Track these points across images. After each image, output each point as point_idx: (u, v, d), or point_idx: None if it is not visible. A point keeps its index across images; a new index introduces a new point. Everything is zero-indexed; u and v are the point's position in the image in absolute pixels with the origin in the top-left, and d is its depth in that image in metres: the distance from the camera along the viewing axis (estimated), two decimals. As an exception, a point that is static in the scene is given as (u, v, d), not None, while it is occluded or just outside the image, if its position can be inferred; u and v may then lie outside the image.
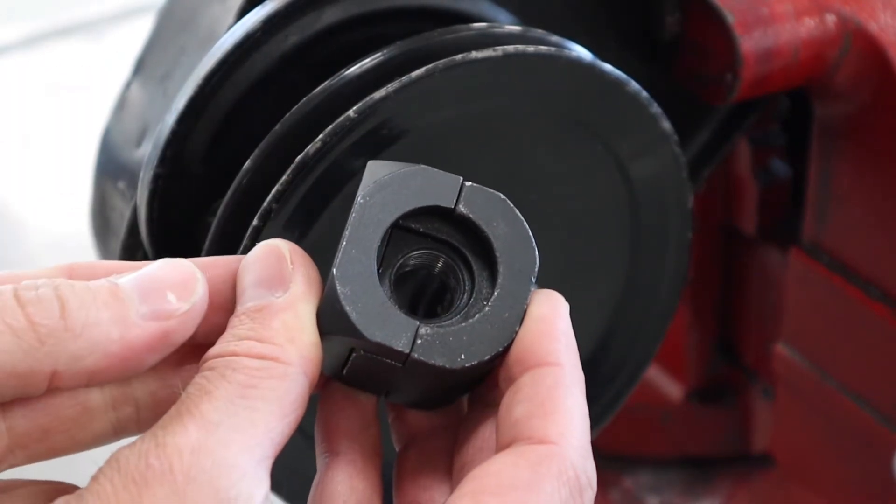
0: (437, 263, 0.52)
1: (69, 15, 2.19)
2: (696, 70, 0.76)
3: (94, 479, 0.44)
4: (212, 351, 0.47)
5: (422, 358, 0.48)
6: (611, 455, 1.04)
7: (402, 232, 0.51)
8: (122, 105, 0.77)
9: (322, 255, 0.61)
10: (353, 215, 0.50)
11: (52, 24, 2.17)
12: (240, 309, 0.49)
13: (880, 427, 0.83)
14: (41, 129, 1.93)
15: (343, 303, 0.48)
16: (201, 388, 0.46)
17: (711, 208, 0.90)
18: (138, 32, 0.84)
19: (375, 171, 0.51)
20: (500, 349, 0.49)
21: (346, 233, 0.49)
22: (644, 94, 0.66)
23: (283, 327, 0.48)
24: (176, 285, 0.48)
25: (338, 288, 0.48)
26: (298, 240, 0.60)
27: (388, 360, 0.49)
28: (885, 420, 0.82)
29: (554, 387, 0.48)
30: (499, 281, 0.50)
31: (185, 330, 0.48)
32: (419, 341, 0.48)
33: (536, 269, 0.51)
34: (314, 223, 0.60)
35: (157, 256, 0.66)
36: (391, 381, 0.51)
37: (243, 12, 0.68)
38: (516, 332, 0.50)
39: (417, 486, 0.52)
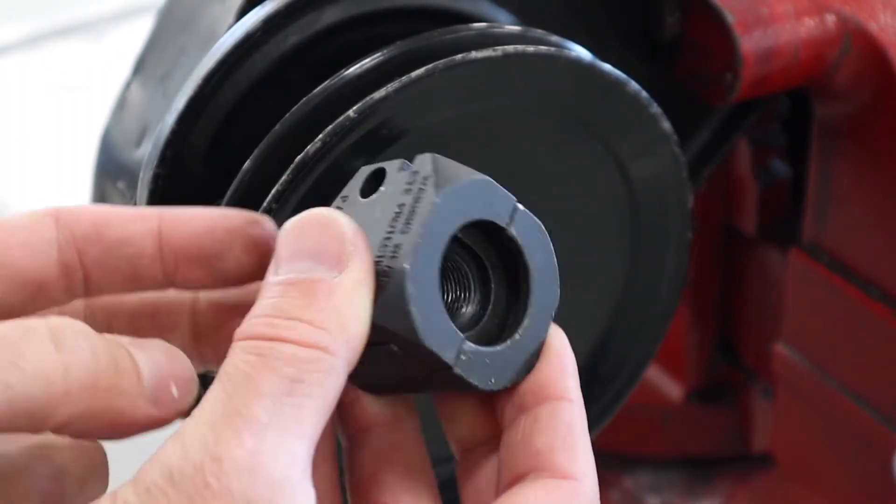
0: (470, 276, 0.52)
1: (69, 15, 2.18)
2: (696, 70, 0.76)
3: (146, 489, 0.42)
4: (254, 328, 0.45)
5: (461, 373, 0.49)
6: (611, 455, 1.04)
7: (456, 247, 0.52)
8: (122, 105, 0.77)
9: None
10: (429, 215, 0.48)
11: (52, 24, 2.17)
12: (283, 277, 0.46)
13: (880, 427, 0.83)
14: (41, 129, 1.93)
15: (410, 304, 0.47)
16: (248, 379, 0.43)
17: (711, 208, 0.90)
18: (138, 32, 0.84)
19: (445, 167, 0.50)
20: (522, 378, 0.50)
21: (420, 230, 0.47)
22: (644, 94, 0.66)
23: (336, 313, 0.45)
24: (179, 379, 0.47)
25: (408, 288, 0.47)
26: (298, 240, 0.60)
27: (420, 362, 0.49)
28: (885, 420, 0.82)
29: (573, 424, 0.49)
30: (529, 311, 0.51)
31: (170, 421, 0.47)
32: (462, 357, 0.49)
33: (556, 305, 0.52)
34: (314, 223, 0.60)
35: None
36: (388, 373, 0.51)
37: (243, 12, 0.68)
38: (535, 363, 0.51)
39: (378, 484, 0.51)
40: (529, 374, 0.50)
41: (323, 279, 0.46)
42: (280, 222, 0.59)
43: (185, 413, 0.47)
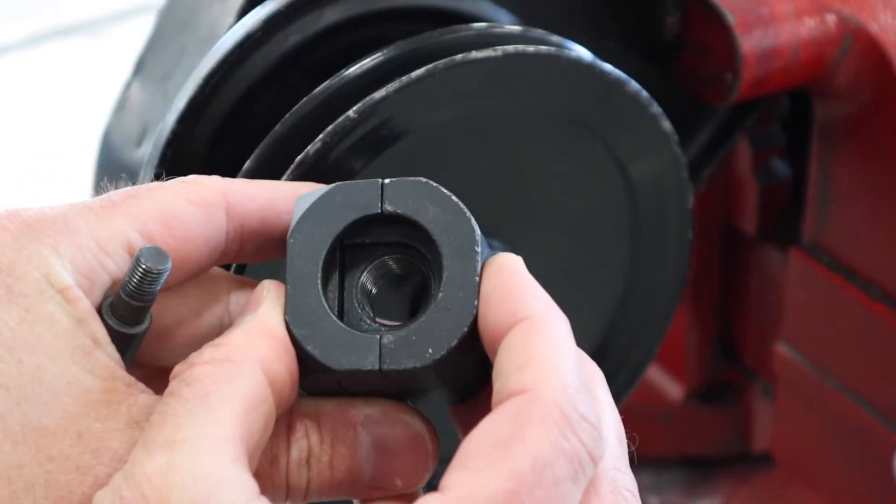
0: (393, 266, 0.52)
1: (69, 15, 2.19)
2: (696, 70, 0.76)
3: None
4: (175, 368, 0.47)
5: (393, 367, 0.48)
6: (611, 455, 1.03)
7: (354, 249, 0.51)
8: (122, 105, 0.77)
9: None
10: (286, 257, 0.50)
11: (52, 24, 2.17)
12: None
13: (880, 427, 0.83)
14: (41, 129, 1.93)
15: (304, 344, 0.48)
16: (163, 414, 0.45)
17: (711, 208, 0.90)
18: (138, 32, 0.84)
19: (301, 205, 0.51)
20: (465, 329, 0.48)
21: (287, 277, 0.49)
22: (644, 94, 0.66)
23: (242, 332, 0.48)
24: (407, 470, 0.50)
25: (295, 332, 0.48)
26: (298, 240, 0.60)
27: (372, 379, 0.49)
28: (885, 420, 0.82)
29: (526, 340, 0.47)
30: (444, 263, 0.49)
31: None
32: (384, 352, 0.48)
33: (478, 239, 0.49)
34: (314, 223, 0.60)
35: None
36: (406, 392, 0.51)
37: (243, 12, 0.68)
38: (476, 307, 0.48)
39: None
40: (480, 319, 0.48)
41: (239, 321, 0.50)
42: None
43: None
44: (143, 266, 0.48)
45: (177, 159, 0.64)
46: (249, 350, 0.47)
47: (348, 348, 0.48)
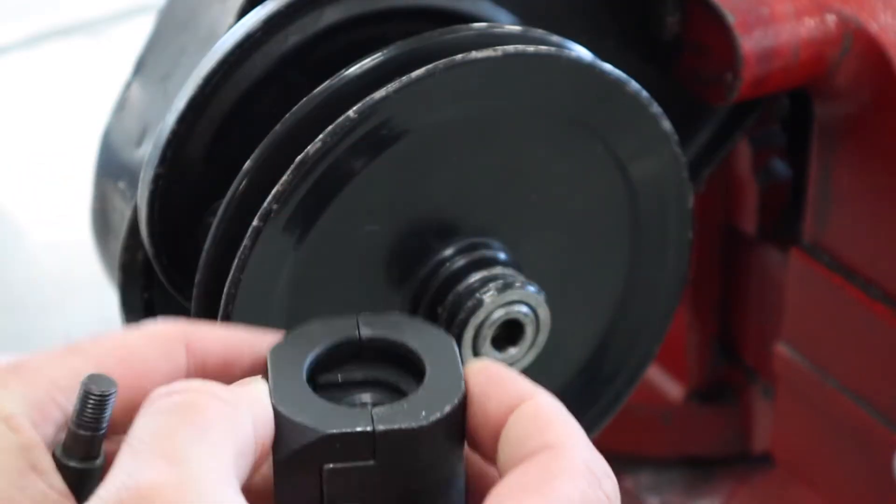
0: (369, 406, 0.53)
1: (69, 15, 2.19)
2: (696, 70, 0.76)
3: None
4: (153, 393, 0.48)
5: (387, 426, 0.49)
6: (611, 455, 1.03)
7: (326, 391, 0.53)
8: (122, 105, 0.77)
9: (322, 257, 0.61)
10: (272, 388, 0.51)
11: (52, 24, 2.17)
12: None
13: (880, 427, 0.83)
14: (41, 129, 1.93)
15: (293, 417, 0.49)
16: (157, 426, 0.46)
17: (711, 208, 0.90)
18: (138, 32, 0.84)
19: (273, 359, 0.53)
20: (460, 396, 0.51)
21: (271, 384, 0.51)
22: (644, 94, 0.66)
23: (235, 385, 0.50)
24: None
25: (282, 411, 0.49)
26: (298, 240, 0.60)
27: (360, 462, 0.49)
28: (886, 420, 0.82)
29: (539, 410, 0.49)
30: (426, 360, 0.52)
31: None
32: (377, 419, 0.49)
33: (456, 348, 0.53)
34: (314, 224, 0.60)
35: (157, 256, 0.66)
36: (374, 497, 0.51)
37: (243, 12, 0.68)
38: (463, 388, 0.51)
39: None
40: (478, 414, 0.50)
41: None
42: (281, 222, 0.59)
43: None
44: (86, 390, 0.48)
45: (177, 159, 0.64)
46: (244, 398, 0.48)
47: (340, 416, 0.50)
